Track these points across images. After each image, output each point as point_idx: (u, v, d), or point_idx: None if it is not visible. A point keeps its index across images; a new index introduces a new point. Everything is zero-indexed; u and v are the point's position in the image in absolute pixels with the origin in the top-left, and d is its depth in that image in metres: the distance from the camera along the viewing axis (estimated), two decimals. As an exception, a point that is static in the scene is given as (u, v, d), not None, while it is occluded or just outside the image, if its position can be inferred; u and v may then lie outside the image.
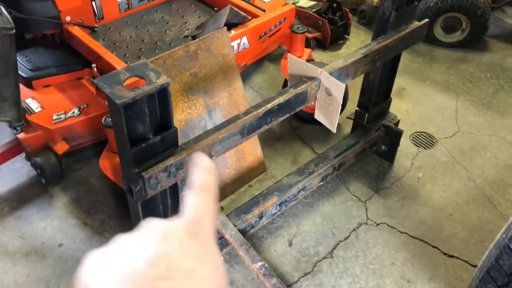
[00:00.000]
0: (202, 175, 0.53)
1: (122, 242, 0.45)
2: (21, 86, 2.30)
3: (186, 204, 0.51)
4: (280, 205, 2.37)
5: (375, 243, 2.37)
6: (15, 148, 2.51)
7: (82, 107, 2.50)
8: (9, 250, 2.30)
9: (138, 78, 1.45)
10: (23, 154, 2.49)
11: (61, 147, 2.43)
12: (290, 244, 2.35)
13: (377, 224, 2.46)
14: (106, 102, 2.52)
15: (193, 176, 0.53)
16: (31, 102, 2.50)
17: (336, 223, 2.46)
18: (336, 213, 2.51)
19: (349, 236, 2.40)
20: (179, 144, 1.59)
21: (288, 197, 2.39)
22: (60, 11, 2.56)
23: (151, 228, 0.46)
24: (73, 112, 2.48)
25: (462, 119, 3.14)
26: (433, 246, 2.37)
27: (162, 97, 1.45)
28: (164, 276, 0.41)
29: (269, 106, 1.77)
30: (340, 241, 2.38)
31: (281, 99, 1.81)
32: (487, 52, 3.79)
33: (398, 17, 2.24)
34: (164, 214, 1.75)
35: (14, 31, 2.05)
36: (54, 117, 2.44)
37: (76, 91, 2.61)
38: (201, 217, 0.50)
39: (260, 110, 1.75)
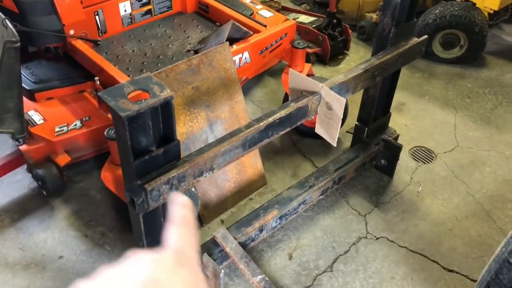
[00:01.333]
0: (181, 210, 0.57)
1: (109, 272, 0.46)
2: (24, 98, 2.32)
3: (169, 237, 0.53)
4: (280, 218, 2.38)
5: (375, 257, 2.37)
6: (16, 160, 2.52)
7: (84, 119, 2.52)
8: (9, 262, 2.30)
9: (141, 91, 1.47)
10: (25, 166, 2.51)
11: (63, 159, 2.44)
12: (290, 257, 2.35)
13: (377, 238, 2.47)
14: (108, 115, 2.55)
15: (173, 212, 0.56)
16: (34, 114, 2.52)
17: (336, 236, 2.47)
18: (336, 226, 2.52)
19: (349, 250, 2.41)
20: (181, 157, 1.61)
21: (288, 211, 2.40)
22: (64, 25, 2.59)
23: (138, 258, 0.47)
24: (75, 125, 2.50)
25: (460, 134, 3.16)
26: (433, 261, 2.37)
27: (165, 110, 1.47)
28: None
29: (270, 119, 1.79)
30: (340, 255, 2.38)
31: (282, 113, 1.83)
32: (485, 68, 3.83)
33: (398, 34, 2.28)
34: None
35: (19, 44, 2.08)
36: (56, 129, 2.46)
37: (78, 103, 2.63)
38: (185, 247, 0.52)
39: (262, 123, 1.77)
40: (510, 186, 2.79)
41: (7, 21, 2.05)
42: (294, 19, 3.75)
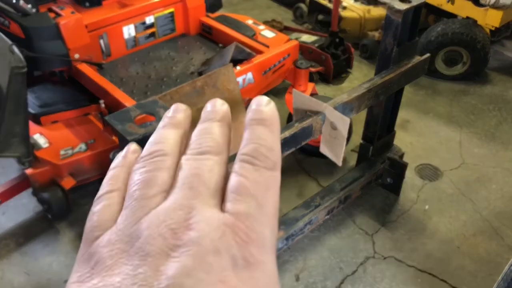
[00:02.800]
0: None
1: None
2: (29, 122, 2.34)
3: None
4: (286, 239, 2.36)
5: (383, 277, 2.35)
6: (21, 184, 2.52)
7: (89, 142, 2.53)
8: (15, 286, 2.29)
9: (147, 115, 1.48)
10: (30, 190, 2.51)
11: (68, 182, 2.45)
12: (297, 278, 2.33)
13: (385, 258, 2.44)
14: (113, 137, 2.56)
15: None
16: (39, 137, 2.54)
17: (343, 257, 2.44)
18: (343, 246, 2.50)
19: (356, 270, 2.38)
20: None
21: (295, 231, 2.38)
22: (69, 49, 2.62)
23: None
24: (80, 148, 2.51)
25: (466, 151, 3.15)
26: (441, 280, 2.34)
27: (170, 133, 1.48)
28: None
29: (275, 140, 1.79)
30: (348, 275, 2.35)
31: (287, 134, 1.83)
32: (489, 85, 3.84)
33: (400, 53, 2.29)
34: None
35: (25, 69, 2.11)
36: (62, 152, 2.47)
37: (83, 126, 2.64)
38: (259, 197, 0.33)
39: (267, 144, 1.77)
40: (518, 202, 2.77)
41: (14, 47, 2.08)
42: (296, 38, 3.79)
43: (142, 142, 1.36)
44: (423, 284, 2.32)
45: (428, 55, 2.41)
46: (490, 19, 3.65)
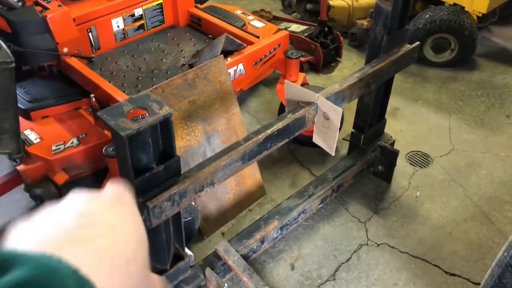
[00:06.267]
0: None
1: (48, 210, 0.47)
2: (20, 118, 2.31)
3: (106, 187, 0.55)
4: (281, 228, 2.38)
5: (377, 264, 2.38)
6: (14, 180, 2.51)
7: (81, 136, 2.52)
8: (10, 283, 2.28)
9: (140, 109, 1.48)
10: (22, 186, 2.50)
11: (60, 178, 2.43)
12: (293, 267, 2.35)
13: (378, 245, 2.48)
14: (105, 131, 2.54)
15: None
16: (30, 133, 2.51)
17: (337, 245, 2.47)
18: (337, 235, 2.52)
19: (350, 257, 2.41)
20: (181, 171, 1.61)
21: (289, 221, 2.40)
22: (57, 43, 2.59)
23: (77, 196, 0.50)
24: (72, 142, 2.49)
25: (455, 137, 3.19)
26: (434, 265, 2.38)
27: (165, 127, 1.48)
28: (88, 225, 0.45)
29: (269, 131, 1.80)
30: (342, 263, 2.38)
31: (280, 125, 1.84)
32: (476, 71, 3.87)
33: (390, 41, 2.30)
34: (167, 243, 1.76)
35: (13, 64, 2.08)
36: (53, 147, 2.45)
37: (74, 121, 2.62)
38: (121, 189, 0.54)
39: (260, 136, 1.77)
40: (507, 187, 2.81)
41: (0, 41, 2.05)
42: (285, 28, 3.78)
43: (136, 137, 1.35)
44: (416, 269, 2.36)
45: (418, 43, 2.42)
46: (477, 5, 3.67)
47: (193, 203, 2.24)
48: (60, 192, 2.45)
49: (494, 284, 1.52)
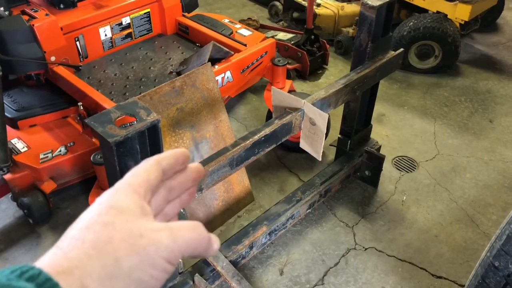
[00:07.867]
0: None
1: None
2: (7, 127, 2.31)
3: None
4: (269, 234, 2.40)
5: (365, 268, 2.40)
6: (1, 189, 2.49)
7: (68, 145, 2.52)
8: (-3, 293, 2.26)
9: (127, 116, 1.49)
10: (9, 195, 2.49)
11: (48, 186, 2.43)
12: (281, 272, 2.37)
13: (366, 249, 2.50)
14: (93, 139, 2.55)
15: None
16: (17, 142, 2.51)
17: (325, 249, 2.49)
18: (325, 239, 2.55)
19: (338, 262, 2.43)
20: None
21: (277, 226, 2.42)
22: (45, 52, 2.60)
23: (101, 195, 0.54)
24: (60, 151, 2.50)
25: (440, 142, 3.24)
26: (421, 268, 2.41)
27: (152, 133, 1.49)
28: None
29: (256, 137, 1.82)
30: (330, 268, 2.40)
31: (267, 130, 1.87)
32: (460, 77, 3.94)
33: (375, 48, 2.34)
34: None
35: (1, 73, 2.09)
36: (41, 156, 2.45)
37: (62, 129, 2.63)
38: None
39: (248, 141, 1.80)
40: (491, 190, 2.86)
41: (-12, 51, 2.06)
42: (272, 36, 3.83)
43: (123, 143, 1.37)
44: (404, 273, 2.38)
45: (402, 50, 2.47)
46: (460, 13, 3.75)
47: (181, 210, 2.25)
48: (48, 201, 2.44)
49: (478, 284, 1.55)
